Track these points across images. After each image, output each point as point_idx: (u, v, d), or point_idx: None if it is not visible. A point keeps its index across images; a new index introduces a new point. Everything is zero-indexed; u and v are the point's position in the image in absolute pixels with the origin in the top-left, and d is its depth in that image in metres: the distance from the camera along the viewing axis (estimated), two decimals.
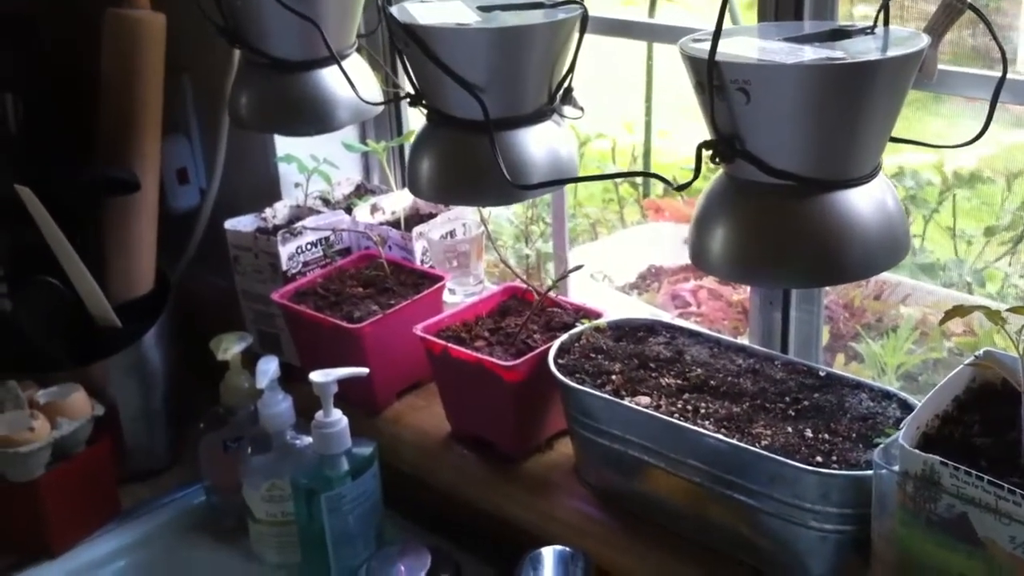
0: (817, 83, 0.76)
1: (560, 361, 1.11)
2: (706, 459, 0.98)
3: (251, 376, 1.27)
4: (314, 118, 1.22)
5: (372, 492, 1.20)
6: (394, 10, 1.02)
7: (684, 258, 1.82)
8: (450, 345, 1.17)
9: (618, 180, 1.85)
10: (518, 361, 1.12)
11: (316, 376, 1.16)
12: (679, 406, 1.03)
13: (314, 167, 1.44)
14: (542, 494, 1.14)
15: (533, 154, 1.02)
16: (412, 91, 1.05)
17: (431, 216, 1.44)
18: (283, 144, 1.45)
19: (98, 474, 1.30)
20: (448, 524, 1.22)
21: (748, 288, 1.40)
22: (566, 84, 1.04)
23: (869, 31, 0.83)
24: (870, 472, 0.89)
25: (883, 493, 0.84)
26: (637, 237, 1.81)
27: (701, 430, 0.98)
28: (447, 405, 1.24)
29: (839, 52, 0.77)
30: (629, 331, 1.17)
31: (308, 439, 1.20)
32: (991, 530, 0.77)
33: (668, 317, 1.35)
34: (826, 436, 0.97)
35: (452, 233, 1.39)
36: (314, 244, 1.39)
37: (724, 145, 0.80)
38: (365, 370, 1.19)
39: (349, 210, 1.46)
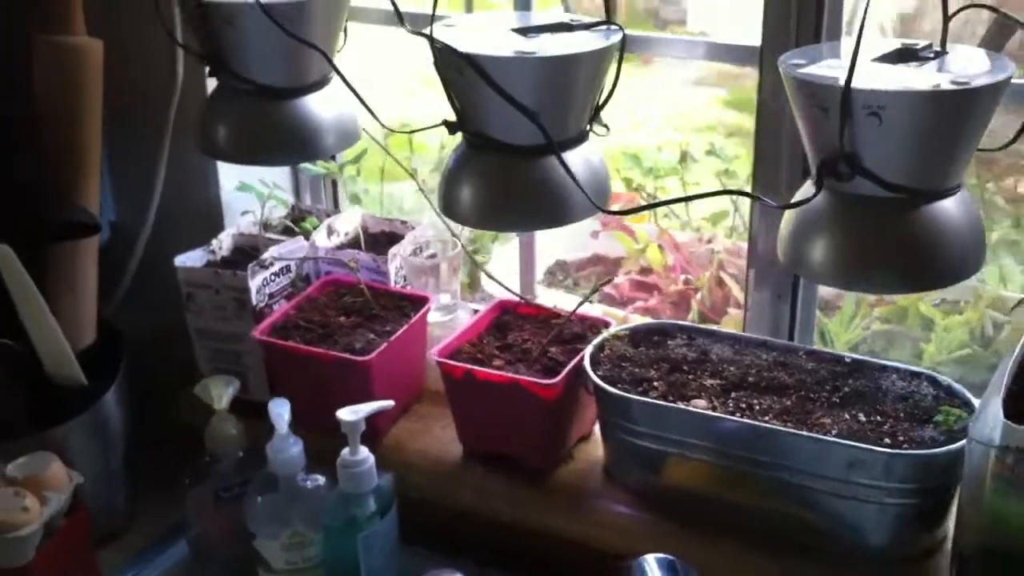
0: (946, 107, 0.83)
1: (598, 373, 1.14)
2: (776, 453, 1.04)
3: (237, 422, 1.21)
4: (303, 146, 1.17)
5: (394, 526, 1.17)
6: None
7: (586, 251, 1.89)
8: (474, 368, 1.17)
9: None
10: (557, 379, 1.13)
11: (345, 415, 1.12)
12: (732, 405, 1.09)
13: (269, 193, 1.37)
14: (580, 502, 1.17)
15: (580, 175, 1.04)
16: (454, 116, 1.04)
17: (389, 236, 1.42)
18: (224, 171, 1.37)
19: (79, 546, 1.19)
20: (470, 547, 1.21)
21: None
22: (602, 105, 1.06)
23: (941, 51, 0.91)
24: (944, 449, 0.99)
25: (976, 466, 0.93)
26: (540, 234, 1.85)
27: (778, 427, 1.04)
28: (463, 426, 1.23)
29: (956, 76, 0.84)
30: (645, 336, 1.21)
31: (319, 479, 1.17)
32: None
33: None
34: (878, 419, 1.05)
35: (419, 251, 1.37)
36: (277, 275, 1.32)
37: (847, 164, 0.85)
38: (391, 403, 1.16)
39: (291, 233, 1.40)
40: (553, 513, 1.17)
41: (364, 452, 1.13)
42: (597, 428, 1.24)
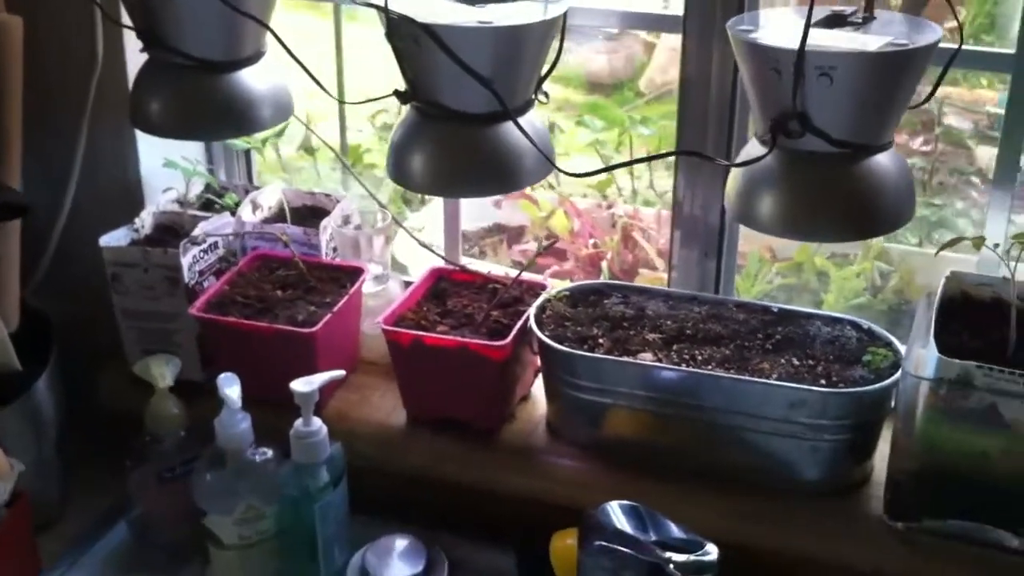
0: (890, 67, 0.90)
1: (545, 333, 1.18)
2: (722, 399, 1.11)
3: (178, 401, 1.21)
4: (240, 119, 1.17)
5: (346, 494, 1.19)
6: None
7: (486, 221, 1.93)
8: (423, 334, 1.19)
9: None
10: (506, 341, 1.17)
11: (299, 385, 1.13)
12: (675, 357, 1.15)
13: (194, 169, 1.35)
14: (528, 459, 1.21)
15: (525, 140, 1.07)
16: (405, 86, 1.05)
17: (311, 209, 1.42)
18: (144, 148, 1.35)
19: (20, 536, 1.16)
20: (418, 511, 1.24)
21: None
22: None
23: (868, 16, 0.98)
24: (878, 385, 1.07)
25: (909, 399, 1.02)
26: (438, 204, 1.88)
27: (723, 374, 1.10)
28: (409, 392, 1.25)
29: (895, 38, 0.91)
30: (581, 296, 1.26)
31: (267, 452, 1.17)
32: (1017, 412, 0.97)
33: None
34: (810, 362, 1.13)
35: (346, 222, 1.38)
36: (205, 251, 1.31)
37: (799, 123, 0.92)
38: (342, 372, 1.18)
39: (211, 209, 1.39)
40: (503, 471, 1.21)
41: (317, 423, 1.14)
42: (535, 387, 1.29)
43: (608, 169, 1.07)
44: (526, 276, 1.29)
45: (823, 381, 1.10)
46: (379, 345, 1.34)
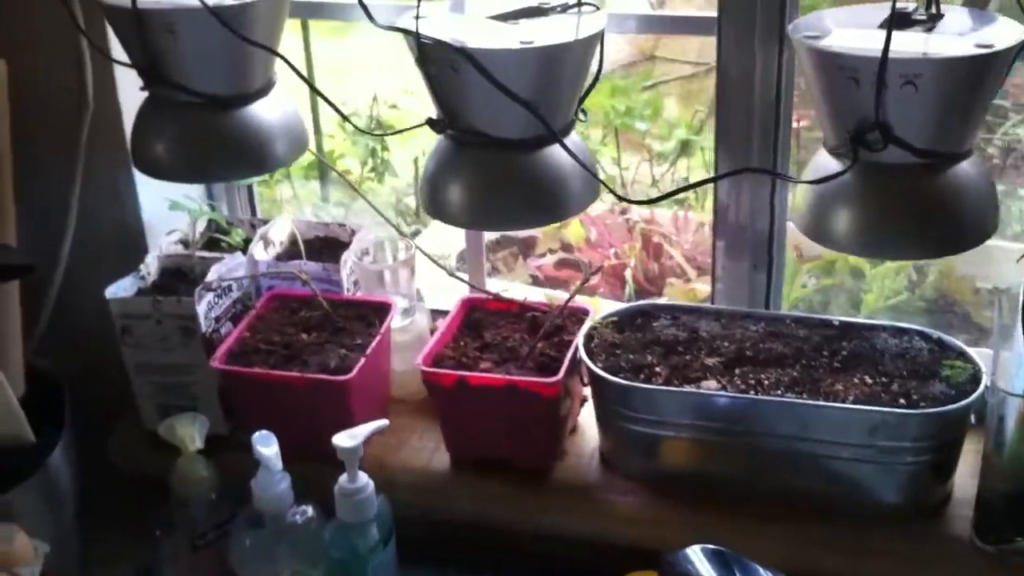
0: (977, 71, 0.83)
1: (598, 364, 1.10)
2: (797, 426, 1.04)
3: (207, 461, 1.12)
4: (254, 157, 1.08)
5: (394, 552, 1.12)
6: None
7: (493, 234, 1.84)
8: (467, 374, 1.12)
9: None
10: (558, 377, 1.09)
11: (343, 440, 1.05)
12: (740, 382, 1.08)
13: (200, 209, 1.26)
14: (585, 497, 1.14)
15: (568, 165, 1.00)
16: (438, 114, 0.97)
17: (324, 241, 1.34)
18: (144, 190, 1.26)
19: None
20: (469, 559, 1.17)
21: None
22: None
23: (936, 14, 0.91)
24: (963, 403, 1.01)
25: (1002, 415, 0.96)
26: None
27: (799, 400, 1.04)
28: (452, 434, 1.17)
29: (979, 40, 0.84)
30: (627, 320, 1.19)
31: (308, 511, 1.10)
32: None
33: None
34: (884, 380, 1.07)
35: (364, 254, 1.29)
36: (219, 296, 1.22)
37: (880, 134, 0.85)
38: (385, 422, 1.10)
39: (217, 248, 1.30)
40: (557, 512, 1.14)
41: (364, 478, 1.07)
42: (583, 416, 1.22)
43: (674, 193, 1.00)
44: (562, 302, 1.21)
45: (903, 400, 1.03)
46: (410, 381, 1.26)
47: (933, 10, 0.91)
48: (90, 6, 1.09)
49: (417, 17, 0.93)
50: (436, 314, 1.32)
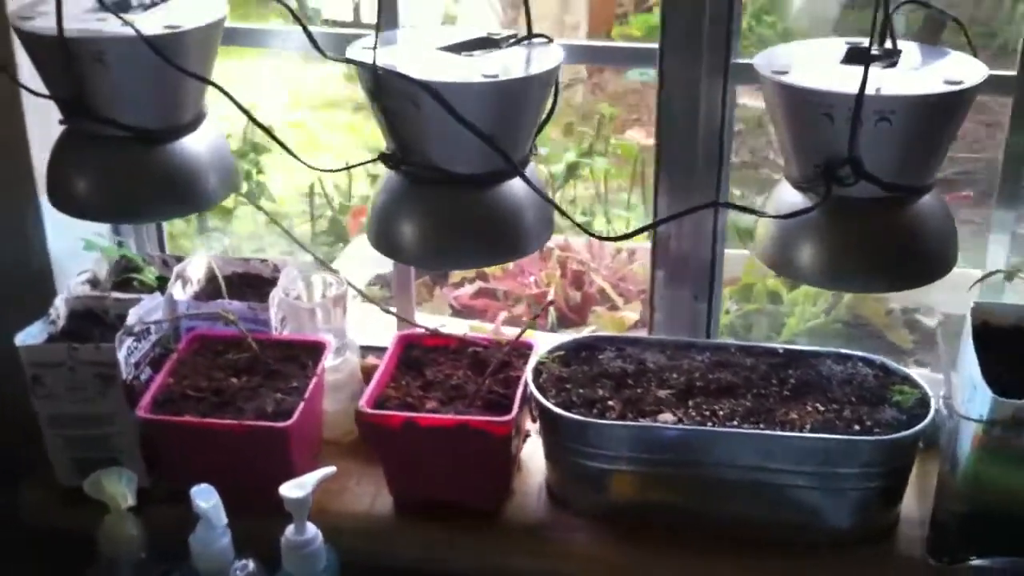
0: (947, 107, 0.84)
1: (551, 400, 1.08)
2: (755, 456, 1.03)
3: (135, 519, 1.05)
4: (185, 195, 1.02)
5: None
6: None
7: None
8: (416, 415, 1.07)
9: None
10: (511, 416, 1.06)
11: (290, 491, 1.00)
12: (695, 414, 1.07)
13: (115, 248, 1.18)
14: (538, 536, 1.11)
15: (526, 200, 0.97)
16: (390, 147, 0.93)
17: (242, 277, 1.27)
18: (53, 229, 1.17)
19: None
20: None
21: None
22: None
23: (892, 50, 0.93)
24: (918, 428, 1.02)
25: (958, 440, 0.98)
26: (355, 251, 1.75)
27: (758, 431, 1.03)
28: (398, 477, 1.13)
29: (947, 76, 0.86)
30: (572, 353, 1.16)
31: (249, 565, 1.04)
32: None
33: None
34: (835, 407, 1.07)
35: (287, 292, 1.23)
36: (138, 339, 1.15)
37: (852, 169, 0.85)
38: (332, 469, 1.04)
39: (127, 288, 1.22)
40: (509, 554, 1.11)
41: (312, 529, 1.02)
42: (524, 453, 1.19)
43: (645, 229, 0.98)
44: (504, 335, 1.19)
45: (856, 427, 1.04)
46: (341, 422, 1.22)
47: (889, 45, 0.92)
48: None
49: (375, 48, 0.89)
50: (364, 350, 1.27)
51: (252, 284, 1.27)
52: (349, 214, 1.91)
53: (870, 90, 0.83)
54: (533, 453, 1.18)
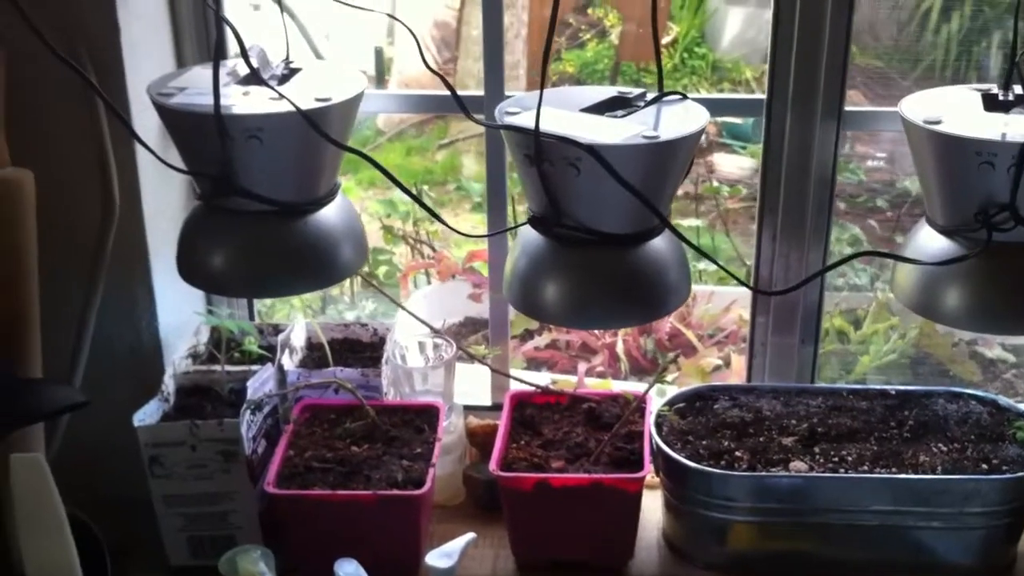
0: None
1: (682, 454, 1.09)
2: (893, 500, 1.05)
3: None
4: (322, 267, 1.00)
5: None
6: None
7: (456, 316, 1.79)
8: (548, 476, 1.07)
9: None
10: (644, 473, 1.06)
11: (437, 560, 1.01)
12: (824, 461, 1.08)
13: (234, 323, 1.16)
14: None
15: (669, 258, 0.98)
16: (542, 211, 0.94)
17: (343, 343, 1.26)
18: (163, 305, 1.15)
19: None
20: None
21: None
22: None
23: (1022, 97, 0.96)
24: None
25: None
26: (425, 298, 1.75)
27: (900, 476, 1.05)
28: (523, 537, 1.12)
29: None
30: (686, 405, 1.17)
31: None
32: None
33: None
34: (957, 446, 1.10)
35: (395, 355, 1.23)
36: (252, 413, 1.13)
37: (1013, 214, 0.88)
38: (473, 535, 1.04)
39: (214, 360, 1.20)
40: None
41: None
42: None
43: (810, 280, 1.00)
44: (613, 390, 1.19)
45: (984, 465, 1.06)
46: (448, 486, 1.21)
47: (1018, 91, 0.96)
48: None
49: (538, 116, 0.89)
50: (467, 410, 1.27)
51: (354, 349, 1.27)
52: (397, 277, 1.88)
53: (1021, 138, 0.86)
54: (644, 507, 1.18)
